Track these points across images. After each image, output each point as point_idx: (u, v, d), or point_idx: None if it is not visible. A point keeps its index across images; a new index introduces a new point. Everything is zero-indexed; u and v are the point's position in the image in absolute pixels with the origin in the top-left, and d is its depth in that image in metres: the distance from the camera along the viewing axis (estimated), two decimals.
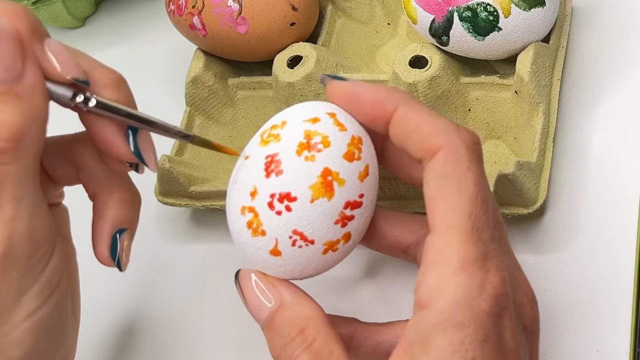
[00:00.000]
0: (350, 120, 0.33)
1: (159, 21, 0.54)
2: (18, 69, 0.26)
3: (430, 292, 0.28)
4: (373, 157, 0.33)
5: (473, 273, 0.27)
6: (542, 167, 0.39)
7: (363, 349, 0.34)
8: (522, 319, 0.30)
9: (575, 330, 0.36)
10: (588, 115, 0.43)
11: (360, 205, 0.32)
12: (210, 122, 0.47)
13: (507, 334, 0.28)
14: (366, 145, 0.32)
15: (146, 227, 0.46)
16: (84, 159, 0.33)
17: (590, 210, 0.40)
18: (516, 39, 0.41)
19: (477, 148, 0.30)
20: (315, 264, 0.32)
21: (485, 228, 0.28)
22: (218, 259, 0.44)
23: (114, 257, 0.33)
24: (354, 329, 0.34)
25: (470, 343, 0.27)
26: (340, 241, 0.32)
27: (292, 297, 0.32)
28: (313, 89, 0.43)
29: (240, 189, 0.32)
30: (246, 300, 0.32)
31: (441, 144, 0.29)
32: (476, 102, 0.43)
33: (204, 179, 0.44)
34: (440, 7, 0.41)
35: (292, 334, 0.30)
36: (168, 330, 0.42)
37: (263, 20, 0.44)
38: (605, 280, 0.38)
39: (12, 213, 0.28)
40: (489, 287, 0.27)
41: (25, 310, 0.29)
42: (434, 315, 0.27)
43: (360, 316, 0.35)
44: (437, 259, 0.28)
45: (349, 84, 0.32)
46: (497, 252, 0.28)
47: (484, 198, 0.29)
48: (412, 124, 0.30)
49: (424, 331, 0.27)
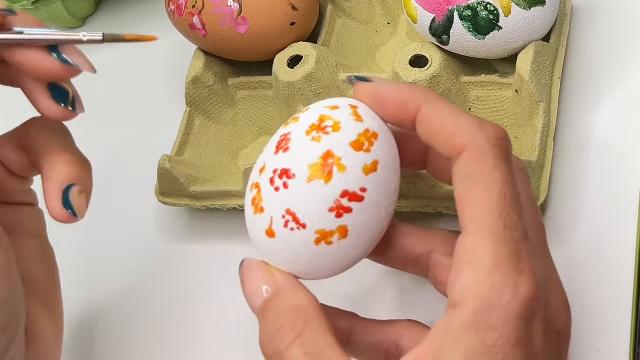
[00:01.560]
0: (373, 116, 0.32)
1: (159, 21, 0.54)
2: None
3: (463, 292, 0.27)
4: (390, 158, 0.32)
5: (507, 274, 0.27)
6: (542, 166, 0.39)
7: (362, 345, 0.34)
8: (556, 324, 0.30)
9: (575, 330, 0.36)
10: (589, 114, 0.43)
11: (361, 200, 0.31)
12: (210, 122, 0.47)
13: (538, 337, 0.28)
14: (382, 143, 0.32)
15: (146, 227, 0.46)
16: (27, 134, 0.33)
17: (590, 209, 0.40)
18: (516, 38, 0.40)
19: (502, 144, 0.29)
20: (309, 255, 0.32)
21: (518, 227, 0.28)
22: (218, 259, 0.44)
23: (67, 207, 0.33)
24: (354, 324, 0.34)
25: (502, 346, 0.26)
26: (334, 234, 0.31)
27: (286, 286, 0.31)
28: (313, 89, 0.43)
29: (255, 167, 0.33)
30: (244, 287, 0.32)
31: (465, 142, 0.29)
32: (477, 102, 0.43)
33: (204, 179, 0.44)
34: (440, 7, 0.41)
35: (280, 321, 0.30)
36: (168, 330, 0.42)
37: (263, 20, 0.44)
38: (605, 279, 0.37)
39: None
40: (523, 290, 0.27)
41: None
42: (467, 315, 0.27)
43: (359, 310, 0.35)
44: (470, 260, 0.28)
45: (373, 86, 0.32)
46: (530, 253, 0.28)
47: (513, 195, 0.28)
48: (436, 123, 0.30)
49: (455, 330, 0.27)
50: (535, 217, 0.31)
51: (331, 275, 0.32)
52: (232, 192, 0.42)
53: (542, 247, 0.31)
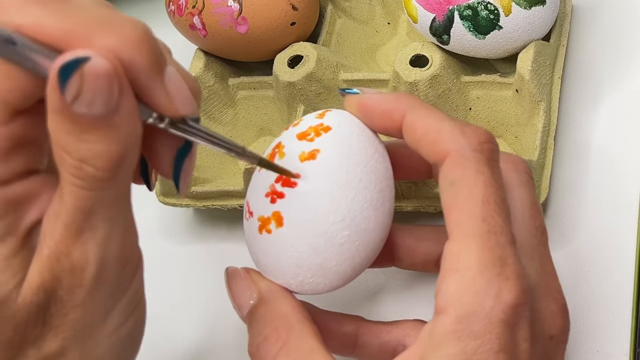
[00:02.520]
0: (346, 120, 0.32)
1: (159, 21, 0.54)
2: (115, 102, 0.25)
3: (447, 299, 0.27)
4: (343, 155, 0.31)
5: (490, 280, 0.27)
6: (543, 165, 0.39)
7: (369, 348, 0.34)
8: (549, 329, 0.29)
9: (575, 330, 0.36)
10: (589, 113, 0.43)
11: (293, 186, 0.31)
12: (210, 122, 0.47)
13: (525, 343, 0.27)
14: (334, 137, 0.31)
15: (147, 228, 0.46)
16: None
17: (591, 208, 0.40)
18: (517, 38, 0.40)
19: (485, 147, 0.29)
20: (257, 245, 0.32)
21: (503, 231, 0.28)
22: (219, 259, 0.43)
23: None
24: (359, 327, 0.34)
25: (484, 353, 0.26)
26: (271, 220, 0.31)
27: (268, 294, 0.32)
28: (314, 89, 0.43)
29: None
30: (230, 298, 0.33)
31: (448, 149, 0.29)
32: (477, 101, 0.43)
33: (205, 179, 0.44)
34: (440, 6, 0.41)
35: (265, 332, 0.30)
36: (168, 330, 0.42)
37: (263, 20, 0.44)
38: (605, 279, 0.37)
39: (105, 235, 0.27)
40: (507, 296, 0.27)
41: (111, 326, 0.29)
42: (449, 323, 0.27)
43: (366, 314, 0.35)
44: (454, 266, 0.28)
45: (360, 97, 0.32)
46: (516, 258, 0.28)
47: (497, 199, 0.28)
48: (420, 130, 0.30)
49: (437, 337, 0.27)
50: (536, 220, 0.31)
51: (290, 278, 0.32)
52: (232, 192, 0.42)
53: (540, 251, 0.31)
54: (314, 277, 0.31)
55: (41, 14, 0.25)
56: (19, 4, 0.25)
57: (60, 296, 0.27)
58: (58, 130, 0.25)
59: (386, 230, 0.32)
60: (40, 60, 0.25)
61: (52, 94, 0.25)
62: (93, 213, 0.27)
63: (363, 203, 0.31)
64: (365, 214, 0.31)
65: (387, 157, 0.32)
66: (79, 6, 0.26)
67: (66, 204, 0.26)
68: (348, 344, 0.34)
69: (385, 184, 0.32)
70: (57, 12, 0.25)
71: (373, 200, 0.31)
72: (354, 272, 0.32)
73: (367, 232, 0.31)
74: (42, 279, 0.27)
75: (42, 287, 0.27)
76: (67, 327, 0.27)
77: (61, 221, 0.26)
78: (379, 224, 0.31)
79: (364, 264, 0.32)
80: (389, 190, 0.32)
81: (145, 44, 0.26)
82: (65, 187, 0.26)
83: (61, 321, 0.27)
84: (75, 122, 0.25)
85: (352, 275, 0.32)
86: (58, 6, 0.25)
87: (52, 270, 0.27)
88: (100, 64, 0.24)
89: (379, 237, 0.32)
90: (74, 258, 0.27)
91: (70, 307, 0.27)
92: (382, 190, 0.31)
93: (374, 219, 0.31)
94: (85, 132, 0.25)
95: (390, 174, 0.32)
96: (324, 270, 0.31)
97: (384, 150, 0.33)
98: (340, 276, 0.32)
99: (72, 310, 0.27)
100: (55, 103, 0.25)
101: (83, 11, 0.25)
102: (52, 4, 0.25)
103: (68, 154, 0.25)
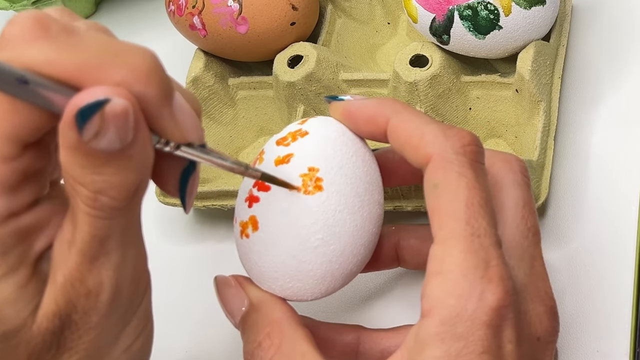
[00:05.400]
0: (325, 126, 0.32)
1: (159, 21, 0.54)
2: (130, 137, 0.25)
3: (431, 302, 0.27)
4: (315, 158, 0.31)
5: (473, 283, 0.27)
6: (543, 165, 0.39)
7: (370, 355, 0.34)
8: (536, 330, 0.30)
9: (575, 331, 0.36)
10: (589, 113, 0.43)
11: (267, 190, 0.31)
12: (210, 122, 0.47)
13: (510, 345, 0.27)
14: (308, 141, 0.32)
15: (147, 228, 0.46)
16: None
17: (591, 208, 0.40)
18: (517, 38, 0.40)
19: (468, 150, 0.29)
20: (240, 250, 0.32)
21: (487, 233, 0.28)
22: (219, 259, 0.43)
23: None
24: (359, 335, 0.34)
25: (467, 355, 0.27)
26: (248, 225, 0.31)
27: (257, 300, 0.32)
28: (314, 89, 0.43)
29: None
30: (222, 306, 0.33)
31: (431, 152, 0.29)
32: (477, 101, 0.43)
33: (204, 179, 0.44)
34: (440, 6, 0.41)
35: (258, 339, 0.31)
36: (168, 330, 0.42)
37: (263, 20, 0.44)
38: (605, 279, 0.37)
39: (119, 259, 0.27)
40: (490, 298, 0.27)
41: (123, 345, 0.29)
42: (433, 325, 0.27)
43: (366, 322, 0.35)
44: (438, 269, 0.28)
45: (344, 104, 0.32)
46: (500, 260, 0.28)
47: (481, 202, 0.28)
48: (403, 135, 0.30)
49: (422, 340, 0.27)
50: (528, 221, 0.31)
51: (271, 282, 0.32)
52: (232, 192, 0.42)
53: (531, 252, 0.31)
54: (292, 282, 0.31)
55: (51, 50, 0.25)
56: (27, 40, 0.25)
57: (75, 320, 0.27)
58: (72, 165, 0.25)
59: (369, 234, 0.32)
60: (53, 97, 0.24)
61: (68, 132, 0.24)
62: (107, 239, 0.27)
63: (336, 206, 0.31)
64: (338, 217, 0.31)
65: (372, 162, 0.32)
66: (87, 39, 0.26)
67: (81, 232, 0.26)
68: (349, 353, 0.34)
69: (364, 188, 0.31)
70: (66, 48, 0.25)
71: (348, 204, 0.31)
72: (336, 277, 0.31)
73: (343, 235, 0.31)
74: (57, 306, 0.27)
75: (57, 314, 0.27)
76: (80, 349, 0.28)
77: (76, 249, 0.27)
78: (357, 228, 0.31)
79: (346, 269, 0.31)
80: (368, 195, 0.31)
81: (154, 75, 0.25)
82: (79, 216, 0.26)
83: (75, 344, 0.27)
84: (91, 156, 0.25)
85: (334, 281, 0.31)
86: (67, 40, 0.25)
87: (67, 296, 0.27)
88: (119, 104, 0.24)
89: (360, 242, 0.31)
90: (89, 284, 0.27)
91: (84, 330, 0.27)
92: (360, 195, 0.31)
93: (350, 222, 0.31)
94: (101, 166, 0.25)
95: (374, 179, 0.32)
96: (301, 274, 0.31)
97: (369, 155, 0.32)
98: (320, 281, 0.31)
99: (86, 333, 0.27)
100: (71, 141, 0.24)
101: (91, 44, 0.25)
102: (60, 39, 0.25)
103: (83, 186, 0.25)
